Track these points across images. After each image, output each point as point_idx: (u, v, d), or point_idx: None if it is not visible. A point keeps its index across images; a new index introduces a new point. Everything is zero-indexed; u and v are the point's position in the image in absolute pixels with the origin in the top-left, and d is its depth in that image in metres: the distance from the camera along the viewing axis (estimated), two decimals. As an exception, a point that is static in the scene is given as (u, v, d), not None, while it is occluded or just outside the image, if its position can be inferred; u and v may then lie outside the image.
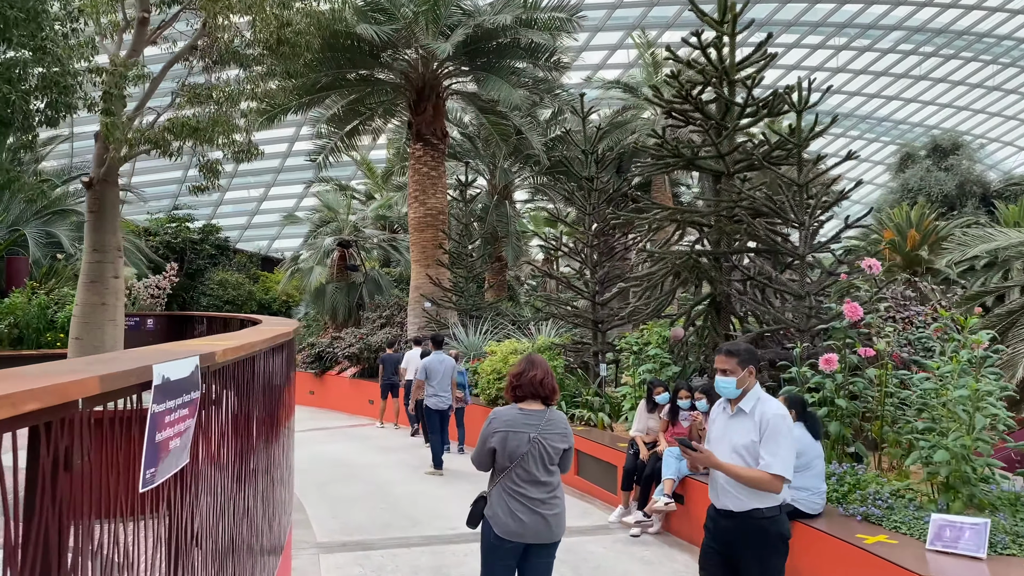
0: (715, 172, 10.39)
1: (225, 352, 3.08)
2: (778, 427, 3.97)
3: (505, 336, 16.02)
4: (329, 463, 11.83)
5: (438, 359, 11.35)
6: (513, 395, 4.42)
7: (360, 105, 20.36)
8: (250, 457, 4.23)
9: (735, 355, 4.10)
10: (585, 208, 12.13)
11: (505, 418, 4.29)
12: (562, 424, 4.40)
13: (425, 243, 18.95)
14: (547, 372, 4.43)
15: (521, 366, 4.47)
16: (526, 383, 4.34)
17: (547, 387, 4.37)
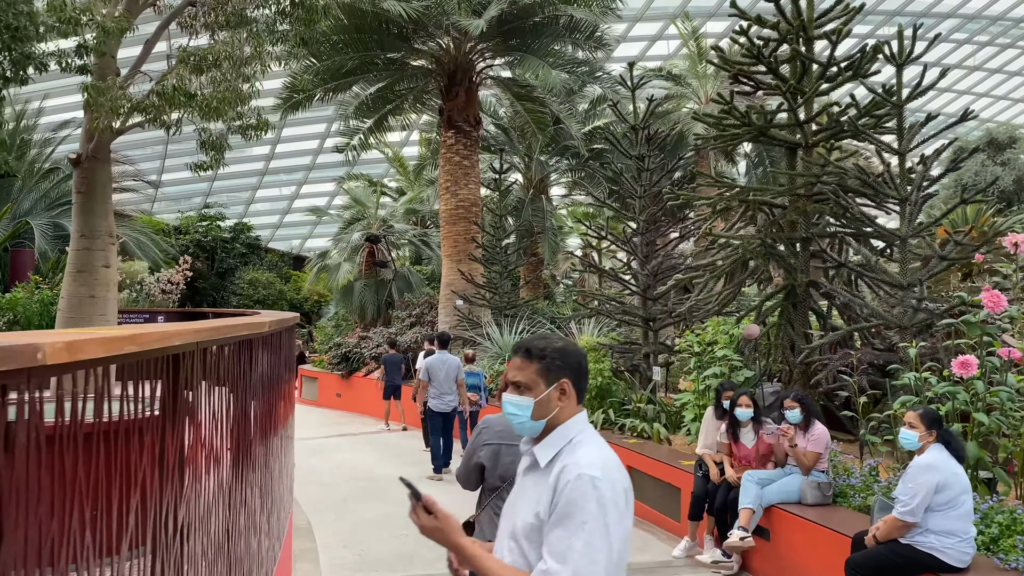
0: (790, 144, 8.82)
1: (61, 348, 1.65)
2: (580, 502, 1.95)
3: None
4: (349, 475, 10.45)
5: (440, 359, 10.46)
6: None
7: (389, 92, 19.04)
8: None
9: (534, 357, 2.19)
10: (634, 191, 10.62)
11: (498, 428, 3.47)
12: None
13: (457, 237, 17.56)
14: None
15: None
16: None
17: None
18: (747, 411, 6.59)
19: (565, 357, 2.21)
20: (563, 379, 2.16)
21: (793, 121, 8.41)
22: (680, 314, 9.17)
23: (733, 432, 6.68)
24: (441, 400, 10.42)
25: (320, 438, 14.08)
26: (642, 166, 10.59)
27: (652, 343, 10.54)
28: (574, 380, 2.19)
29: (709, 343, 8.79)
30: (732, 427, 6.69)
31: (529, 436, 2.20)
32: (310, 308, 36.36)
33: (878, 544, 4.79)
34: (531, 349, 2.21)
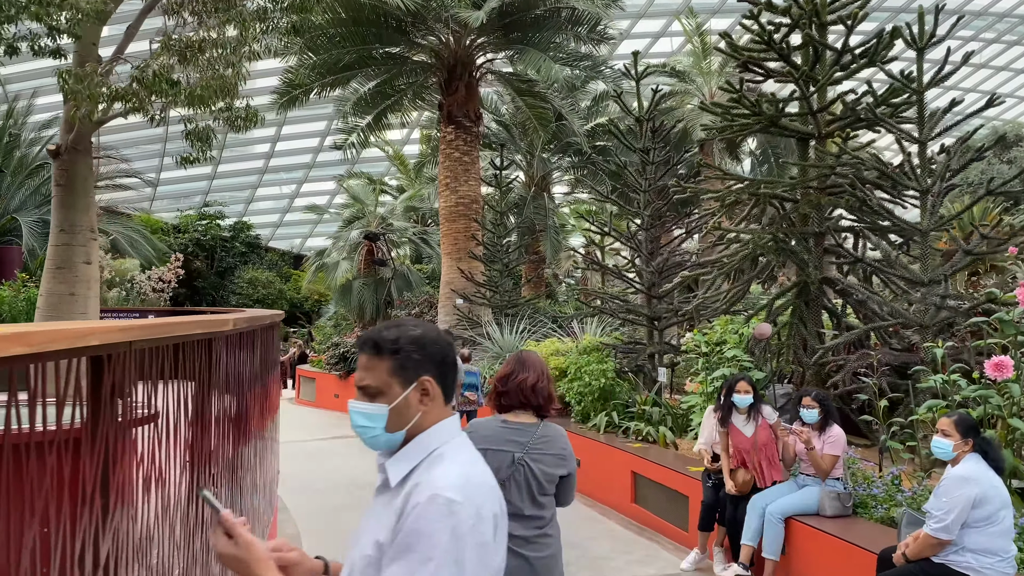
0: (803, 135, 8.39)
1: None
2: (427, 531, 1.53)
3: (544, 336, 14.14)
4: (344, 481, 10.04)
5: None
6: (497, 404, 3.38)
7: (388, 87, 18.63)
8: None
9: (384, 352, 1.71)
10: (638, 186, 10.19)
11: (483, 432, 3.23)
12: (560, 443, 3.31)
13: (457, 234, 17.15)
14: (542, 375, 3.36)
15: (508, 367, 3.42)
16: (513, 389, 3.31)
17: (540, 394, 3.30)
18: (746, 397, 6.13)
19: (425, 348, 1.71)
20: (424, 376, 1.70)
21: (806, 110, 7.98)
22: (686, 313, 8.74)
23: (725, 420, 6.20)
24: None
25: (316, 440, 13.67)
26: (647, 159, 10.16)
27: (657, 343, 10.11)
28: (438, 376, 1.72)
29: (717, 343, 8.37)
30: (727, 414, 6.21)
31: (385, 451, 1.76)
32: (310, 308, 35.97)
33: (908, 563, 4.36)
34: (380, 342, 1.70)
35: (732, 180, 8.48)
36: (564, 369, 10.64)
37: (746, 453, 6.00)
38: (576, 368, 10.03)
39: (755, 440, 6.02)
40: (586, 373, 9.81)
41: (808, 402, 5.91)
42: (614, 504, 8.52)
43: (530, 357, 3.43)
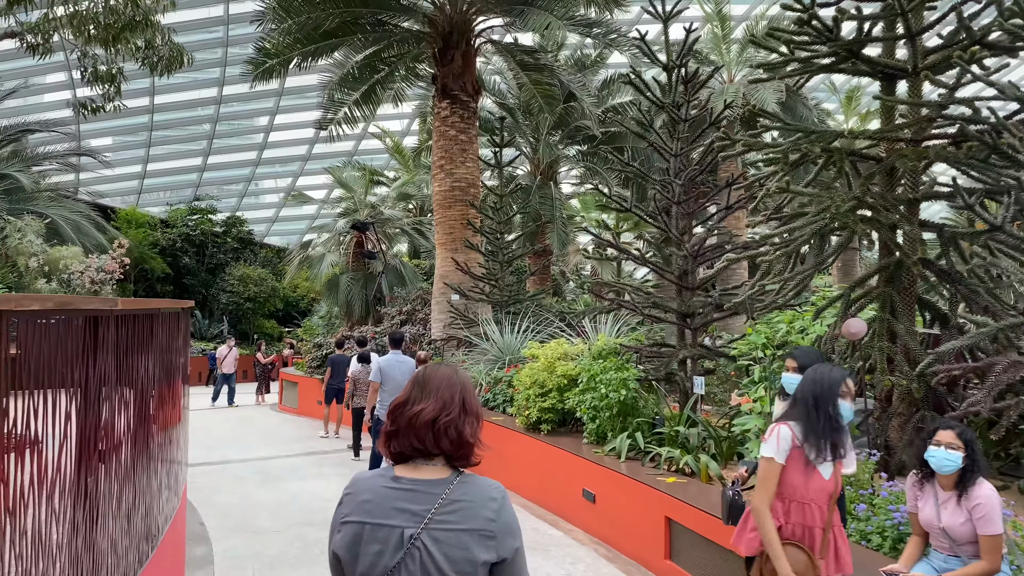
0: (889, 71, 6.26)
1: None
2: None
3: (550, 336, 12.04)
4: (295, 517, 7.93)
5: (396, 359, 8.89)
6: (388, 448, 2.10)
7: (377, 60, 16.57)
8: None
9: None
10: (668, 149, 8.07)
11: (364, 495, 2.05)
12: (485, 510, 2.01)
13: (452, 222, 15.04)
14: (452, 402, 2.08)
15: (405, 392, 2.14)
16: (404, 425, 2.06)
17: (446, 435, 2.04)
18: (851, 408, 3.93)
19: None
20: None
21: (903, 32, 5.85)
22: (732, 307, 6.61)
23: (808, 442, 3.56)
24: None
25: (281, 457, 11.59)
26: (678, 116, 8.04)
27: (690, 345, 7.98)
28: None
29: (779, 345, 6.25)
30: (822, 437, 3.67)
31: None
32: (305, 306, 34.00)
33: None
34: None
35: (796, 129, 6.34)
36: (574, 377, 8.54)
37: (817, 505, 3.57)
38: (590, 376, 7.91)
39: (835, 482, 3.60)
40: (602, 383, 7.70)
41: (949, 439, 3.73)
42: (640, 557, 6.41)
43: (437, 374, 2.18)
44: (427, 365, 2.35)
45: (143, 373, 4.18)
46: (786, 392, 4.48)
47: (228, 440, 13.38)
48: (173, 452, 5.25)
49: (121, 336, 3.65)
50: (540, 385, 8.71)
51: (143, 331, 4.14)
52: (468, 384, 2.17)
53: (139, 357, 4.06)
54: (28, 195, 16.11)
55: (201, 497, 8.76)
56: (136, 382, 4.04)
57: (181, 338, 5.97)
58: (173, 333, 5.30)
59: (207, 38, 26.25)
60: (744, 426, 5.97)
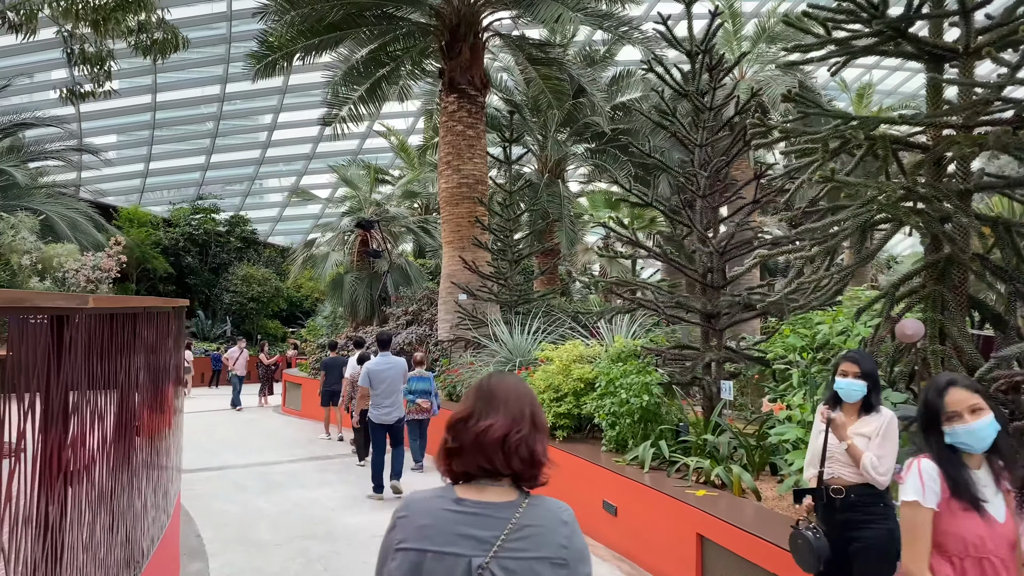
0: (937, 53, 5.76)
1: None
2: None
3: (561, 337, 11.57)
4: (298, 528, 7.44)
5: (385, 362, 8.86)
6: (447, 466, 1.91)
7: (382, 54, 16.12)
8: None
9: None
10: (692, 139, 7.58)
11: (421, 520, 1.85)
12: (558, 536, 1.87)
13: (460, 220, 14.56)
14: (522, 417, 1.90)
15: (466, 405, 1.94)
16: (469, 442, 1.87)
17: (518, 453, 1.86)
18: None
19: None
20: None
21: (957, 7, 5.36)
22: (770, 306, 6.12)
23: (958, 485, 2.67)
24: (385, 410, 8.77)
25: (283, 462, 11.11)
26: (703, 104, 7.55)
27: (715, 347, 7.48)
28: None
29: (819, 347, 5.75)
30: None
31: None
32: (310, 306, 33.56)
33: None
34: None
35: (835, 116, 5.84)
36: (591, 381, 8.06)
37: (991, 565, 2.65)
38: (609, 380, 7.42)
39: (1014, 525, 2.70)
40: (623, 387, 7.21)
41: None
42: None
43: (503, 386, 1.95)
44: (490, 375, 2.04)
45: (124, 379, 3.70)
46: (838, 398, 4.01)
47: (229, 443, 12.91)
48: (162, 465, 4.77)
49: (95, 338, 3.18)
50: (555, 389, 8.22)
51: (124, 332, 3.67)
52: (534, 396, 1.99)
53: (119, 361, 3.59)
54: (23, 191, 15.66)
55: (199, 506, 8.29)
56: (116, 389, 3.57)
57: (172, 339, 5.50)
58: (163, 334, 4.82)
59: (210, 34, 25.81)
60: (782, 435, 5.48)
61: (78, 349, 2.94)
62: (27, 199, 15.27)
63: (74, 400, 2.95)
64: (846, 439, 3.83)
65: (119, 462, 3.54)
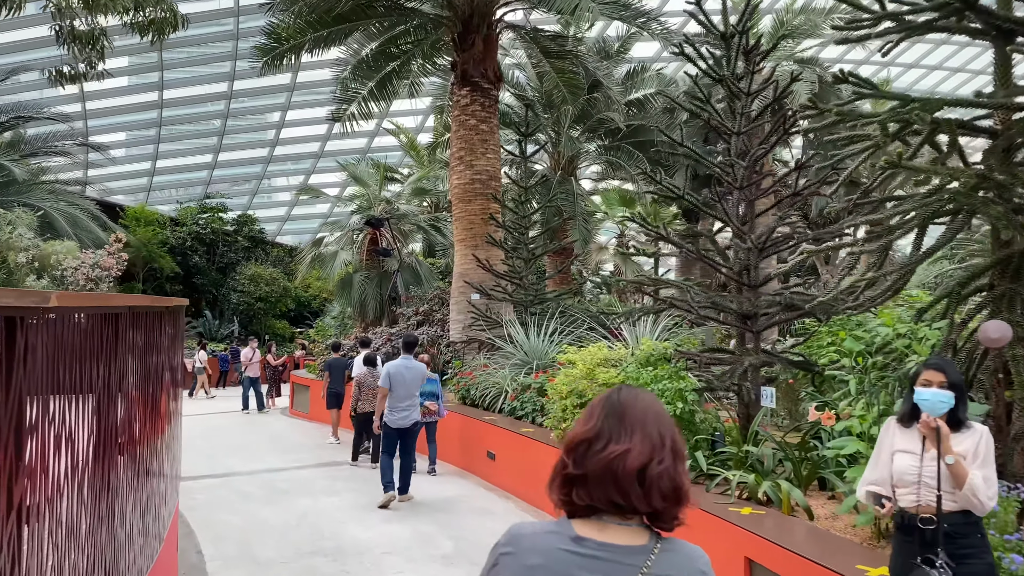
0: (1008, 27, 5.21)
1: None
2: None
3: (578, 339, 11.04)
4: (305, 544, 6.91)
5: (405, 364, 8.50)
6: (564, 499, 1.61)
7: (392, 46, 15.60)
8: None
9: None
10: (727, 128, 7.03)
11: (531, 558, 1.56)
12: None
13: (472, 217, 14.03)
14: (660, 442, 1.58)
15: (590, 424, 1.62)
16: (597, 471, 1.56)
17: (660, 484, 1.55)
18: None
19: None
20: None
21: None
22: (820, 307, 5.55)
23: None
24: (402, 414, 8.43)
25: (290, 469, 10.60)
26: (739, 89, 7.00)
27: (752, 350, 6.92)
28: None
29: (880, 348, 5.19)
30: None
31: None
32: (318, 306, 33.10)
33: None
34: None
35: (893, 97, 5.28)
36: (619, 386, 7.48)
37: None
38: (639, 386, 6.87)
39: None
40: (656, 393, 6.65)
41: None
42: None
43: (638, 403, 1.60)
44: (618, 388, 1.68)
45: (103, 389, 3.18)
46: (917, 411, 3.46)
47: (233, 448, 12.41)
48: (153, 485, 4.25)
49: (64, 343, 2.65)
50: (578, 394, 7.68)
51: (103, 335, 3.15)
52: (671, 418, 1.66)
53: (96, 368, 3.06)
54: (21, 186, 15.15)
55: (200, 517, 7.78)
56: (92, 401, 3.04)
57: (168, 341, 4.98)
58: (154, 336, 4.31)
59: (217, 31, 25.37)
60: (841, 448, 4.92)
61: (38, 356, 2.41)
62: (26, 194, 14.77)
63: (33, 418, 2.42)
64: (951, 454, 3.27)
65: (97, 489, 3.01)
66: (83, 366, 2.90)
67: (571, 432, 1.64)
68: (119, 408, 3.36)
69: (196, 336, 28.68)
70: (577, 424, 1.64)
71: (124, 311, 3.45)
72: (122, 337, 3.46)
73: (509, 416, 10.06)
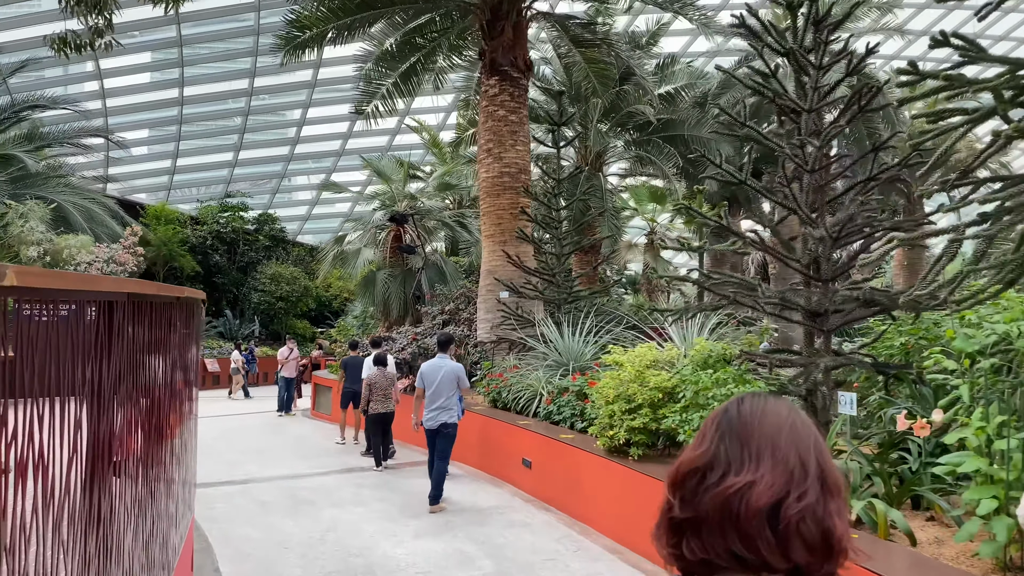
0: None
1: None
2: None
3: (614, 339, 10.37)
4: (332, 564, 6.30)
5: (437, 364, 8.17)
6: (672, 548, 1.17)
7: (418, 36, 15.00)
8: None
9: None
10: (797, 105, 6.33)
11: None
12: None
13: (501, 212, 13.38)
14: (802, 471, 1.11)
15: (702, 448, 1.19)
16: (711, 511, 1.13)
17: (801, 528, 1.07)
18: None
19: None
20: None
21: None
22: (909, 303, 4.83)
23: None
24: (428, 413, 8.08)
25: (312, 475, 10.01)
26: (809, 62, 6.29)
27: (824, 351, 6.22)
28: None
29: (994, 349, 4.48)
30: None
31: None
32: (339, 306, 32.64)
33: None
34: None
35: (1004, 62, 4.57)
36: (671, 390, 6.84)
37: None
38: (699, 390, 6.19)
39: None
40: (716, 399, 5.98)
41: None
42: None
43: (766, 417, 1.18)
44: (739, 399, 1.23)
45: (92, 395, 2.56)
46: None
47: (253, 452, 11.85)
48: (160, 508, 3.63)
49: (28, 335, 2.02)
50: (627, 399, 6.99)
51: (96, 328, 2.53)
52: (818, 435, 1.19)
53: (81, 370, 2.44)
54: (35, 179, 14.69)
55: (218, 531, 7.18)
56: (74, 416, 2.42)
57: (180, 338, 4.37)
58: (164, 331, 3.69)
59: (237, 26, 24.96)
60: (957, 465, 4.21)
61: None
62: (39, 187, 14.30)
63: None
64: None
65: (82, 523, 2.39)
66: (61, 367, 2.27)
67: (677, 460, 1.23)
68: (112, 421, 2.73)
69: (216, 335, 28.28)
70: (686, 450, 1.25)
71: (122, 299, 2.82)
72: (120, 331, 2.83)
73: (544, 421, 9.39)
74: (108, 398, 2.72)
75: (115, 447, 2.78)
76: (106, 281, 2.72)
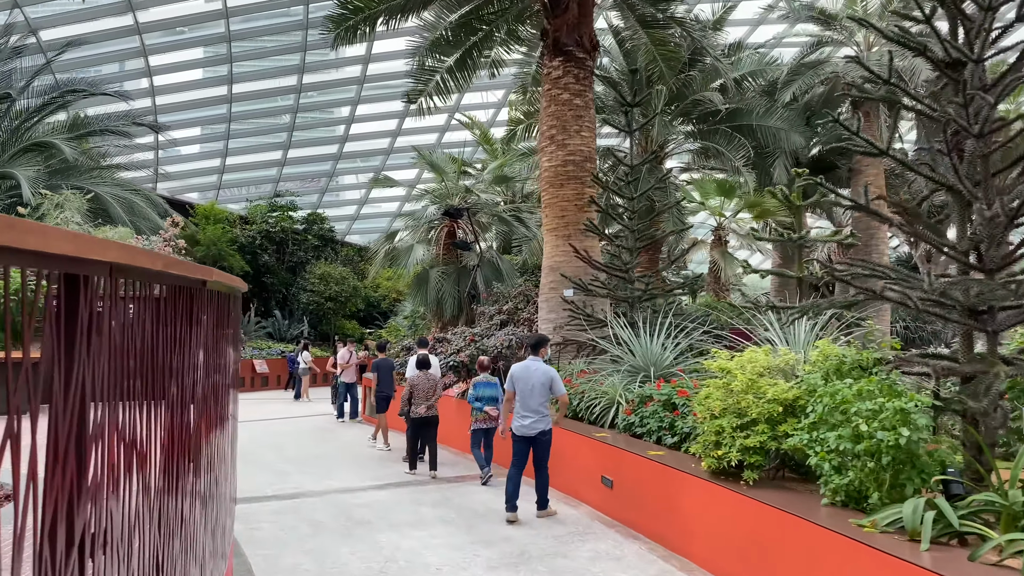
0: None
1: None
2: None
3: (694, 346, 9.26)
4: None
5: (527, 366, 7.61)
6: None
7: (474, 18, 14.06)
8: None
9: None
10: (964, 51, 5.17)
11: None
12: None
13: (566, 203, 12.34)
14: None
15: None
16: None
17: None
18: None
19: None
20: None
21: None
22: None
23: None
24: (522, 420, 7.54)
25: (367, 489, 9.09)
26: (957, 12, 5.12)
27: (989, 356, 5.03)
28: None
29: None
30: None
31: None
32: (387, 307, 31.97)
33: None
34: None
35: None
36: (792, 402, 5.71)
37: None
38: (836, 403, 5.07)
39: None
40: (860, 416, 4.84)
41: None
42: None
43: None
44: None
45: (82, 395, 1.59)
46: None
47: (303, 461, 11.02)
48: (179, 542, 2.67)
49: None
50: (738, 413, 5.89)
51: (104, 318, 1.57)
52: None
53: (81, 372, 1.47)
54: (73, 169, 14.12)
55: (263, 559, 6.28)
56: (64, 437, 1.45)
57: (221, 331, 3.42)
58: (200, 322, 2.75)
59: (285, 21, 24.39)
60: None
61: None
62: (77, 177, 13.72)
63: None
64: None
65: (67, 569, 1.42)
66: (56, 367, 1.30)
67: None
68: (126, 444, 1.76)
69: (266, 335, 27.76)
70: None
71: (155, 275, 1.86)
72: (140, 324, 1.87)
73: (624, 433, 8.32)
74: (131, 414, 1.76)
75: (111, 468, 1.82)
76: (97, 245, 1.77)
